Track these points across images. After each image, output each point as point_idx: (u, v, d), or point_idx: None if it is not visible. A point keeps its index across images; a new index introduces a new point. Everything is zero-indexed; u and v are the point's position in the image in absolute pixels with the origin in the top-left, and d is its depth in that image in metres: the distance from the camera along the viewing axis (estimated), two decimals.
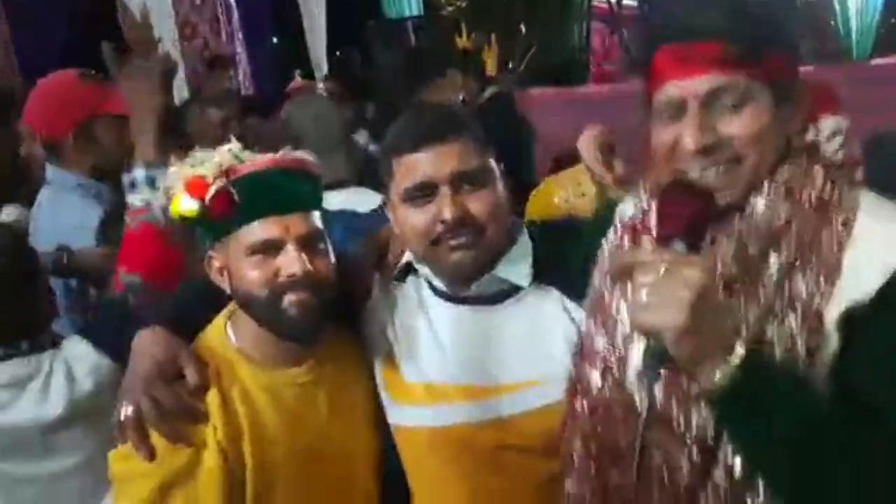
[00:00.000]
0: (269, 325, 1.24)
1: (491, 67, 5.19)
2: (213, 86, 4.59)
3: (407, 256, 1.33)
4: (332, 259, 1.26)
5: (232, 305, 1.31)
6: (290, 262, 1.20)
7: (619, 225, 1.16)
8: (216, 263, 1.26)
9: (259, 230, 1.21)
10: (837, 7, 5.18)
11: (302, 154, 1.31)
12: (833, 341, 0.91)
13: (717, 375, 0.86)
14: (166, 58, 1.59)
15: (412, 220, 1.23)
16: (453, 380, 1.26)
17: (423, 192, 1.22)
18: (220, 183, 1.19)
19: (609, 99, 5.14)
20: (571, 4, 6.51)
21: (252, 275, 1.21)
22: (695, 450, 0.95)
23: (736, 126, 0.96)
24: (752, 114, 0.96)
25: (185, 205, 1.19)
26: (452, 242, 1.21)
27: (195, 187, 1.19)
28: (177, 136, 1.88)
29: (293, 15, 5.93)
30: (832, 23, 5.42)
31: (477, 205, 1.21)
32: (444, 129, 1.23)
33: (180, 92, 4.04)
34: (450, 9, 6.94)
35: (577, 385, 1.12)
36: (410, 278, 1.35)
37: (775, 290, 0.94)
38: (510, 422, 1.22)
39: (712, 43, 0.94)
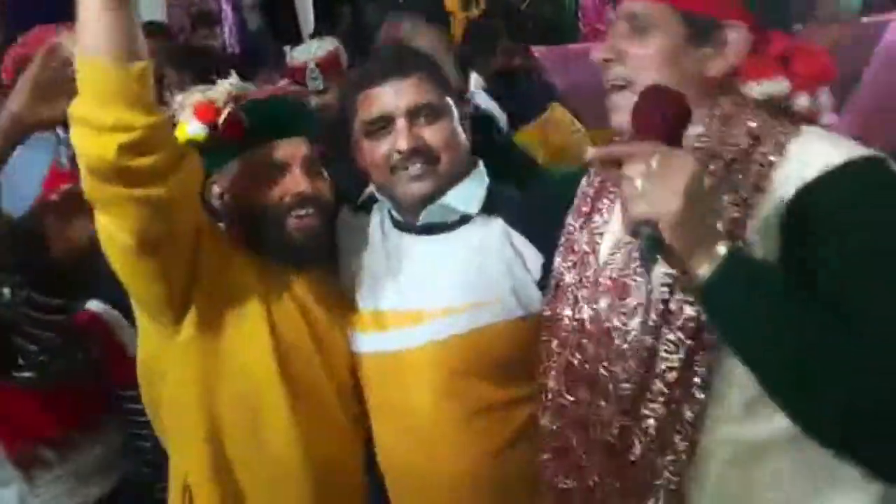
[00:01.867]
0: (273, 246, 1.32)
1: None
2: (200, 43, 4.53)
3: (371, 188, 1.40)
4: (329, 182, 1.35)
5: None
6: (296, 181, 1.28)
7: (592, 170, 1.25)
8: (217, 189, 1.33)
9: (268, 152, 1.28)
10: None
11: (298, 87, 1.39)
12: (756, 250, 0.98)
13: (706, 268, 0.90)
14: None
15: (372, 151, 1.31)
16: (404, 306, 1.34)
17: (381, 125, 1.30)
18: (231, 106, 1.25)
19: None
20: None
21: (260, 194, 1.28)
22: (632, 361, 1.03)
23: (634, 46, 1.07)
24: (653, 39, 1.06)
25: (193, 128, 1.25)
26: (409, 171, 1.29)
27: (204, 111, 1.25)
28: None
29: None
30: None
31: (431, 135, 1.29)
32: (402, 65, 1.33)
33: None
34: None
35: (551, 325, 1.20)
36: (375, 208, 1.40)
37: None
38: (460, 341, 1.30)
39: None
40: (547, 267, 1.29)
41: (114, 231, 1.18)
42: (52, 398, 1.65)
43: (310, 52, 2.80)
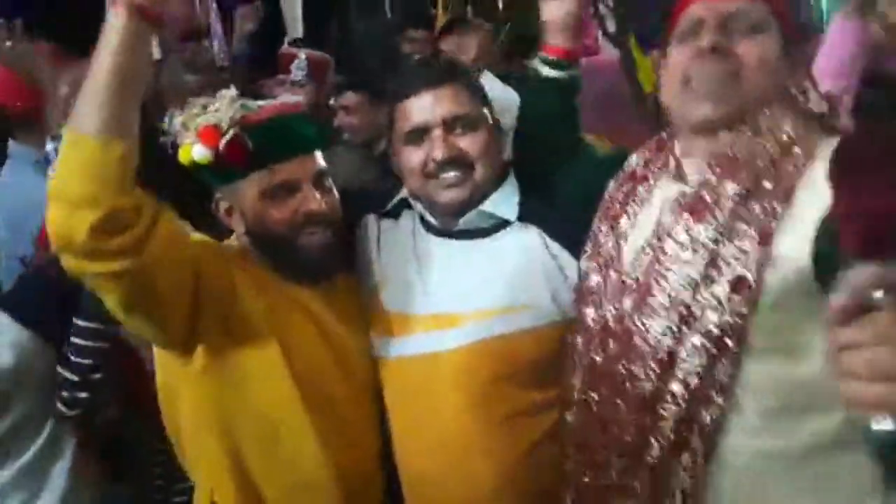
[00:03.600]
0: (286, 263, 1.33)
1: None
2: (192, 56, 4.52)
3: (402, 193, 1.43)
4: (337, 195, 1.36)
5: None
6: (307, 200, 1.29)
7: (621, 174, 1.25)
8: (224, 205, 1.34)
9: (277, 173, 1.28)
10: None
11: (298, 98, 1.37)
12: (782, 266, 0.98)
13: None
14: None
15: (409, 159, 1.35)
16: (436, 309, 1.35)
17: (419, 134, 1.33)
18: (234, 131, 1.23)
19: (588, 70, 5.15)
20: None
21: (272, 214, 1.29)
22: (652, 362, 1.04)
23: (747, 46, 1.06)
24: (765, 41, 1.06)
25: (198, 153, 1.23)
26: (444, 179, 1.32)
27: (209, 136, 1.22)
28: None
29: None
30: None
31: (468, 144, 1.32)
32: (438, 75, 1.36)
33: None
34: None
35: (576, 325, 1.22)
36: (406, 213, 1.43)
37: (731, 214, 1.02)
38: (494, 345, 1.32)
39: None
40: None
41: (101, 293, 1.20)
42: None
43: (304, 48, 2.98)
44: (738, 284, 0.99)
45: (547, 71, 1.38)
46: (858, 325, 0.60)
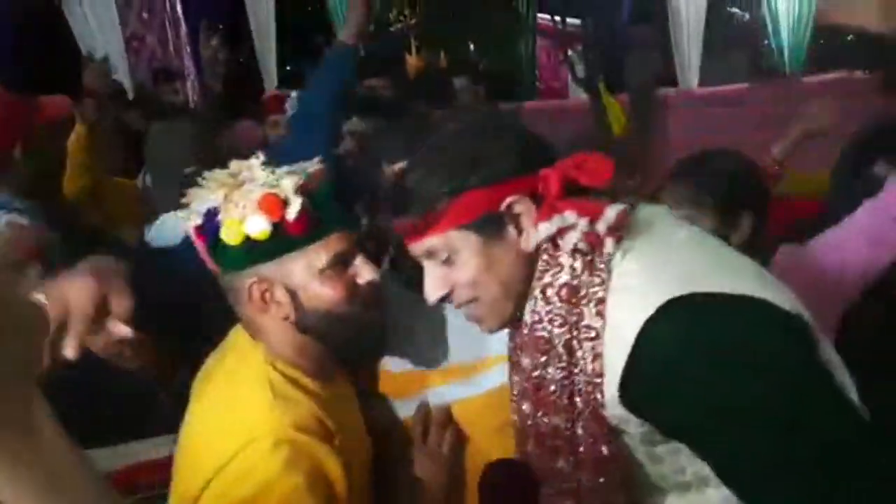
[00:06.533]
0: (350, 344, 1.21)
1: None
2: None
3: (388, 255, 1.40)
4: None
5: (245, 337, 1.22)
6: (364, 270, 1.18)
7: None
8: (259, 288, 1.15)
9: (334, 244, 1.16)
10: (770, 28, 5.43)
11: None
12: (629, 424, 1.00)
13: None
14: None
15: None
16: (452, 361, 1.33)
17: None
18: (302, 199, 1.11)
19: (557, 113, 5.27)
20: (518, 21, 6.66)
21: (330, 292, 1.16)
22: (563, 484, 1.06)
23: (454, 276, 1.06)
24: (459, 264, 1.05)
25: (255, 226, 1.09)
26: None
27: (271, 206, 1.09)
28: None
29: (244, 28, 5.92)
30: (766, 42, 5.69)
31: None
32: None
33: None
34: (399, 25, 7.01)
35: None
36: (393, 275, 1.39)
37: (562, 394, 1.03)
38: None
39: (407, 219, 1.06)
40: None
41: None
42: None
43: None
44: (596, 415, 1.00)
45: None
46: None
